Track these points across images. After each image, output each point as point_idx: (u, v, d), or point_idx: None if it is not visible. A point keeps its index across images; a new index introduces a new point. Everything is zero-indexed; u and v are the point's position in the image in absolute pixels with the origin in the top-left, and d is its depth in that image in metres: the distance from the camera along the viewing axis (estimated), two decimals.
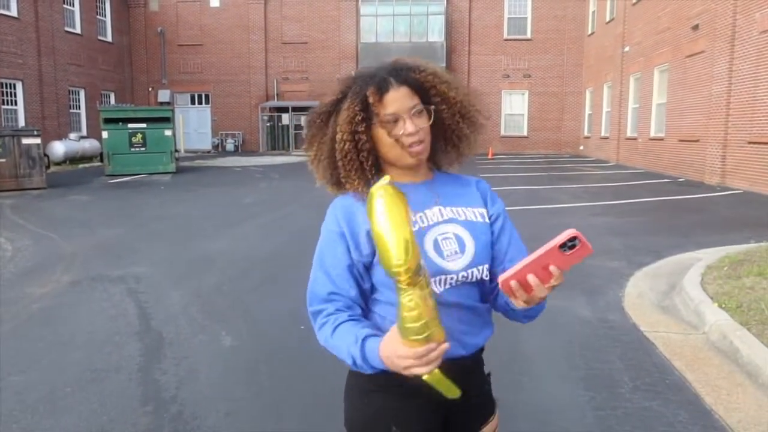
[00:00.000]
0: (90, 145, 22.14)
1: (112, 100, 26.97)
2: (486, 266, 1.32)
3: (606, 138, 22.62)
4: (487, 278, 1.33)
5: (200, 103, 29.49)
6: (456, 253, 1.29)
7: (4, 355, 3.85)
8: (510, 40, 27.18)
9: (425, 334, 1.04)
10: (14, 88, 21.06)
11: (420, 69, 1.32)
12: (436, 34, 26.53)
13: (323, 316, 1.25)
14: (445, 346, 1.08)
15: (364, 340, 1.16)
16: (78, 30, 24.64)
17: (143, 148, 17.32)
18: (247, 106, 28.80)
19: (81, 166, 20.95)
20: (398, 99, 1.27)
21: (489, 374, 1.45)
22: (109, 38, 27.18)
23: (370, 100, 1.26)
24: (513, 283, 1.06)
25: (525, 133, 27.79)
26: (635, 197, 11.50)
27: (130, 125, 17.27)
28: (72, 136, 21.88)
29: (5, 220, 9.54)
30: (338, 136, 1.29)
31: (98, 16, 26.39)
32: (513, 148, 27.27)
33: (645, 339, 4.03)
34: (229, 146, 28.88)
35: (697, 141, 14.48)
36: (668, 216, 9.38)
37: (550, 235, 1.13)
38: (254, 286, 5.46)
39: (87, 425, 2.89)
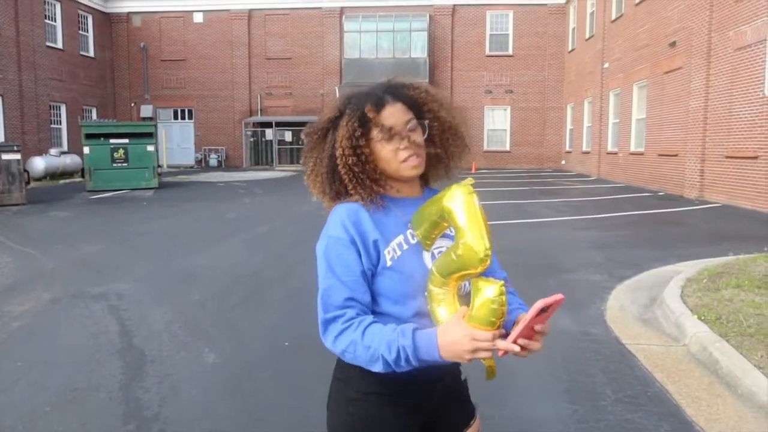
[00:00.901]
0: (71, 160, 21.93)
1: (94, 116, 26.80)
2: None
3: (587, 152, 22.91)
4: None
5: (183, 118, 29.40)
6: None
7: None
8: (492, 56, 27.53)
9: (498, 320, 1.16)
10: None
11: (414, 86, 1.40)
12: (419, 50, 26.78)
13: (343, 321, 1.24)
14: (502, 331, 1.18)
15: (414, 331, 1.19)
16: (60, 45, 24.52)
17: (125, 164, 17.19)
18: (231, 121, 28.77)
19: (62, 181, 20.72)
20: (394, 114, 1.33)
21: (465, 380, 1.49)
22: (92, 53, 27.08)
23: (369, 115, 1.31)
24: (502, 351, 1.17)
25: (507, 148, 28.06)
26: (617, 211, 11.65)
27: (112, 140, 17.14)
28: (53, 151, 21.67)
29: None
30: (338, 152, 1.33)
31: (80, 31, 26.29)
32: (496, 162, 27.50)
33: (627, 351, 4.07)
34: (213, 161, 28.78)
35: (676, 155, 14.73)
36: (649, 229, 9.51)
37: (531, 249, 1.22)
38: (237, 302, 5.43)
39: None
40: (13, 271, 6.86)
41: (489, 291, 1.16)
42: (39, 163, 20.00)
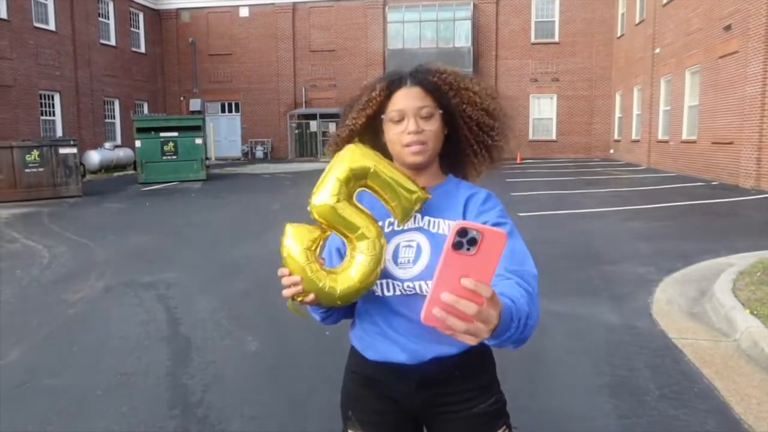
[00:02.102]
0: (124, 153, 22.68)
1: (146, 110, 27.60)
2: None
3: (637, 141, 22.26)
4: None
5: (230, 111, 29.95)
6: (409, 262, 1.27)
7: (39, 359, 3.98)
8: (537, 44, 26.98)
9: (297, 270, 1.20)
10: (52, 99, 21.73)
11: (440, 72, 1.34)
12: (463, 39, 26.48)
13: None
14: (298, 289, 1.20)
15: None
16: (113, 42, 25.32)
17: (175, 157, 17.68)
18: (276, 113, 29.14)
19: (115, 174, 21.46)
20: (407, 97, 1.29)
21: (497, 398, 1.37)
22: (143, 49, 27.86)
23: (378, 93, 1.31)
24: (436, 310, 0.85)
25: (554, 137, 27.51)
26: (666, 201, 11.29)
27: (162, 134, 17.65)
28: (107, 145, 22.44)
29: (43, 227, 9.84)
30: (351, 120, 1.36)
31: (132, 29, 27.07)
32: (542, 152, 27.02)
33: (673, 346, 3.96)
34: (259, 153, 29.24)
35: (731, 143, 14.15)
36: (700, 220, 9.19)
37: (576, 241, 1.12)
38: (280, 292, 5.52)
39: (117, 428, 2.97)
40: (69, 260, 7.16)
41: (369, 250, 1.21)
42: (94, 157, 20.75)
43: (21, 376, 3.67)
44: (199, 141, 17.99)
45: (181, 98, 29.50)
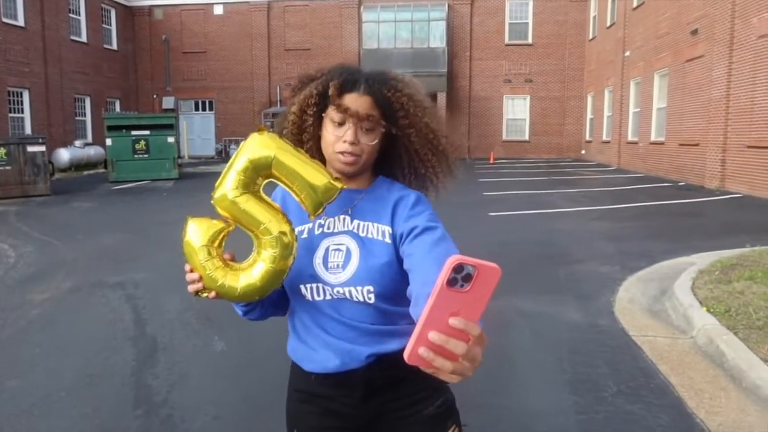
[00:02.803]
0: (95, 152, 22.31)
1: (118, 108, 27.19)
2: (370, 288, 1.21)
3: (607, 142, 22.65)
4: (381, 304, 1.23)
5: (204, 109, 29.67)
6: (338, 266, 1.24)
7: (2, 360, 3.93)
8: (511, 45, 27.26)
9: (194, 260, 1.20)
10: (21, 97, 21.27)
11: (397, 89, 1.27)
12: (437, 39, 26.61)
13: None
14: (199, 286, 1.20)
15: None
16: (84, 38, 24.89)
17: (146, 155, 17.46)
18: (250, 112, 28.94)
19: (86, 172, 21.10)
20: (354, 104, 1.23)
21: (445, 399, 1.36)
22: (115, 46, 27.43)
23: (330, 92, 1.24)
24: (422, 350, 0.79)
25: (527, 138, 27.83)
26: (634, 201, 11.53)
27: (133, 132, 17.42)
28: (77, 143, 22.06)
29: (9, 226, 9.66)
30: (291, 108, 1.32)
31: (104, 25, 26.63)
32: (515, 152, 27.31)
33: (633, 343, 4.07)
34: (233, 152, 28.76)
35: (697, 145, 14.50)
36: (665, 220, 9.41)
37: (543, 240, 1.09)
38: None
39: (80, 429, 2.96)
40: (36, 260, 7.05)
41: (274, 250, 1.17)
42: (64, 155, 20.38)
43: None
44: (171, 139, 17.79)
45: (154, 96, 29.12)
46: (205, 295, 1.20)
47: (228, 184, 1.18)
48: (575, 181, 16.37)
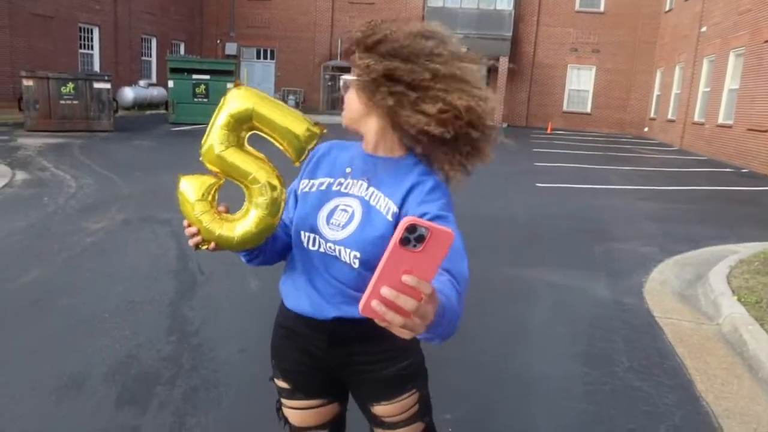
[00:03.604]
0: (158, 92, 22.98)
1: (182, 50, 27.75)
2: (357, 254, 1.25)
3: (672, 121, 21.76)
4: (364, 271, 1.25)
5: (265, 58, 29.94)
6: (339, 225, 1.29)
7: (56, 280, 4.28)
8: (582, 12, 26.21)
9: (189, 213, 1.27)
10: (91, 33, 22.00)
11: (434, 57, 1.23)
12: (505, 1, 25.84)
13: None
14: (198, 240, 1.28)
15: None
16: None
17: (206, 99, 17.89)
18: (311, 64, 29.03)
19: (148, 112, 21.82)
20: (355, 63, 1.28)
21: (410, 363, 1.41)
22: None
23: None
24: (375, 303, 0.83)
25: (588, 110, 27.01)
26: (689, 185, 11.18)
27: (194, 76, 17.85)
28: (141, 83, 22.76)
29: (73, 159, 10.20)
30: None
31: None
32: (574, 124, 26.59)
33: (655, 324, 4.08)
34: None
35: (766, 131, 13.81)
36: (718, 206, 9.12)
37: (586, 216, 1.03)
38: None
39: (118, 347, 3.24)
40: (95, 192, 7.47)
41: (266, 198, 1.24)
42: (128, 94, 21.10)
43: (37, 294, 3.97)
44: (230, 85, 18.02)
45: (218, 41, 29.53)
46: (204, 247, 1.27)
47: (213, 139, 1.23)
48: (632, 158, 15.91)
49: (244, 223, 1.25)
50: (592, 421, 2.79)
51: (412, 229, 0.81)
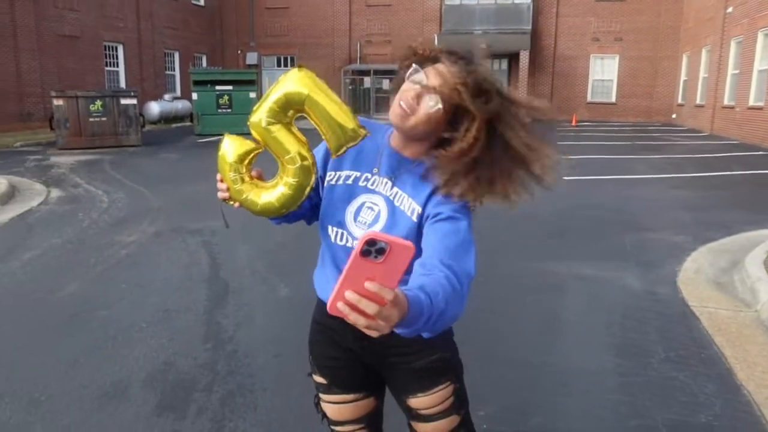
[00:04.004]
0: (182, 105, 23.37)
1: (204, 63, 28.17)
2: None
3: (701, 106, 21.31)
4: None
5: (286, 65, 30.20)
6: (365, 223, 1.34)
7: (94, 293, 4.39)
8: (601, 0, 25.85)
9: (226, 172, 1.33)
10: (116, 51, 22.49)
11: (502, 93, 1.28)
12: None
13: None
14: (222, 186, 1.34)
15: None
16: None
17: (229, 110, 18.13)
18: (331, 68, 29.17)
19: (174, 125, 22.20)
20: (443, 73, 1.26)
21: (441, 357, 1.44)
22: (201, 2, 28.27)
23: (426, 51, 1.31)
24: (340, 305, 0.89)
25: (613, 100, 26.61)
26: (722, 170, 10.94)
27: (217, 87, 18.10)
28: (166, 97, 23.16)
29: (105, 174, 10.44)
30: None
31: None
32: (600, 115, 26.22)
33: (691, 313, 4.01)
34: None
35: None
36: (753, 191, 8.91)
37: (616, 206, 1.03)
38: (315, 245, 5.79)
39: (156, 355, 3.31)
40: (126, 206, 7.64)
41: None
42: (154, 108, 21.50)
43: (76, 307, 4.08)
44: (252, 95, 18.36)
45: (239, 51, 29.91)
46: (231, 203, 1.35)
47: (262, 112, 1.28)
48: (661, 146, 15.63)
49: (270, 195, 1.32)
50: (629, 412, 2.76)
51: (371, 242, 0.86)
